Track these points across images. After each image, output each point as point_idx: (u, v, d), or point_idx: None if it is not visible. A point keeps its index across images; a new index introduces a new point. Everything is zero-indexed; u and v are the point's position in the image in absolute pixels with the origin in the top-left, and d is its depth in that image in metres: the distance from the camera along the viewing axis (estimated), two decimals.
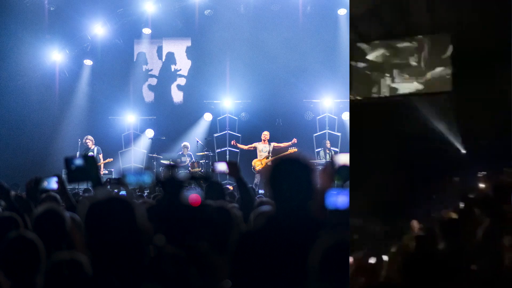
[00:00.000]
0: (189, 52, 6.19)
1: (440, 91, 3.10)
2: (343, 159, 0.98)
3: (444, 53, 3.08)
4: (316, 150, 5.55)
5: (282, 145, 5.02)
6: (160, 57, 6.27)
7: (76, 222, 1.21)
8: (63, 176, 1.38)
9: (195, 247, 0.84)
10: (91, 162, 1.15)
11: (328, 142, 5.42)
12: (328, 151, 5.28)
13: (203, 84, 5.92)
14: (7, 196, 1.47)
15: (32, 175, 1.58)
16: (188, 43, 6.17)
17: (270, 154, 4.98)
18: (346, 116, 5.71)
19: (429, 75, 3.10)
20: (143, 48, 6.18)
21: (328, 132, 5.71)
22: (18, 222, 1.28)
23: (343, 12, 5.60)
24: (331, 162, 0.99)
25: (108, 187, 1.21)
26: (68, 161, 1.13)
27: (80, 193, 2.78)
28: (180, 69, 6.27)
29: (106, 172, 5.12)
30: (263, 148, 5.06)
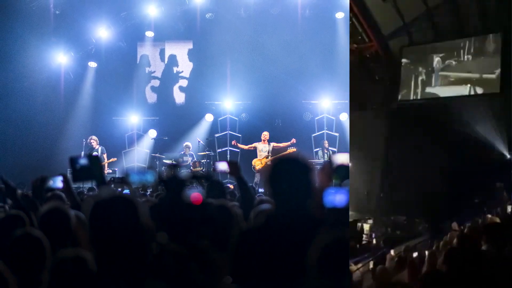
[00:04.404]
0: (191, 55, 6.25)
1: (487, 93, 3.03)
2: (341, 158, 0.99)
3: (492, 54, 3.00)
4: (315, 150, 5.59)
5: (281, 145, 5.07)
6: (162, 59, 6.33)
7: (80, 220, 1.23)
8: (68, 175, 1.38)
9: (197, 244, 0.86)
10: (95, 162, 1.16)
11: (326, 142, 5.47)
12: (326, 151, 5.33)
13: (205, 86, 5.98)
14: (14, 194, 1.50)
15: (38, 174, 1.60)
16: (190, 45, 6.24)
17: (270, 154, 5.03)
18: (344, 117, 5.77)
19: (475, 77, 3.05)
20: (146, 50, 6.26)
21: (326, 133, 5.77)
22: (24, 220, 1.30)
23: (341, 15, 5.67)
24: (330, 162, 1.00)
25: (112, 186, 1.23)
26: (73, 161, 1.14)
27: (85, 192, 2.81)
28: (182, 71, 6.32)
29: (110, 171, 5.16)
30: (263, 148, 5.11)
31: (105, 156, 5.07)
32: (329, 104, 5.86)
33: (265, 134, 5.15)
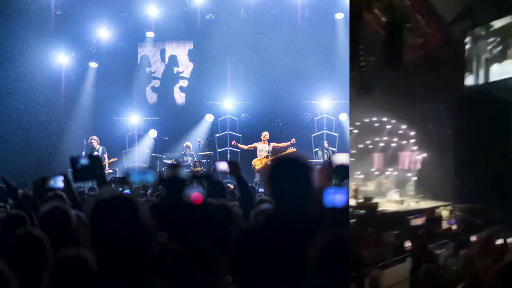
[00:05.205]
0: (191, 55, 6.28)
1: None
2: (341, 158, 1.00)
3: None
4: (314, 150, 5.63)
5: (281, 145, 5.10)
6: (163, 59, 6.35)
7: (81, 220, 1.23)
8: (69, 175, 1.39)
9: (197, 244, 0.86)
10: (96, 162, 1.17)
11: (326, 142, 5.50)
12: (326, 151, 5.36)
13: (205, 86, 6.01)
14: (15, 194, 1.51)
15: (39, 174, 1.62)
16: (190, 46, 6.26)
17: (270, 154, 5.05)
18: (343, 117, 5.78)
19: None
20: (147, 51, 6.28)
21: (326, 133, 5.81)
22: (25, 219, 1.31)
23: (340, 16, 5.70)
24: (329, 162, 1.01)
25: (113, 185, 1.23)
26: (74, 161, 1.15)
27: (85, 192, 2.82)
28: (183, 72, 6.34)
29: (111, 171, 5.20)
30: (263, 148, 5.14)
31: (105, 156, 5.09)
32: (329, 105, 5.90)
33: (265, 134, 5.18)
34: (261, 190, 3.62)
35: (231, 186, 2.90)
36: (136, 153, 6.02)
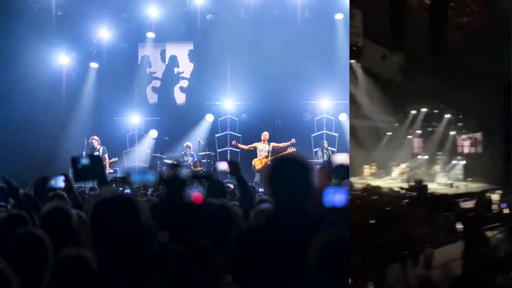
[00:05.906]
0: (192, 55, 6.30)
1: None
2: (341, 158, 1.00)
3: None
4: (314, 150, 5.66)
5: (281, 145, 5.13)
6: (163, 60, 6.38)
7: (82, 219, 1.24)
8: (70, 175, 1.40)
9: (197, 243, 0.86)
10: (96, 162, 1.18)
11: (325, 142, 5.54)
12: (325, 151, 5.39)
13: (205, 86, 6.03)
14: (16, 194, 1.51)
15: (40, 174, 1.62)
16: (191, 46, 6.29)
17: (270, 154, 5.08)
18: (343, 117, 5.81)
19: None
20: (147, 51, 6.31)
21: (326, 133, 5.84)
22: (26, 219, 1.31)
23: (340, 16, 5.74)
24: (329, 162, 1.01)
25: (113, 185, 1.24)
26: (75, 161, 1.16)
27: (86, 192, 2.83)
28: (183, 72, 6.37)
29: (111, 171, 5.22)
30: (263, 148, 5.17)
31: (106, 156, 5.11)
32: (328, 105, 5.93)
33: (265, 134, 5.21)
34: (261, 190, 3.63)
35: (231, 186, 2.91)
36: (136, 153, 6.04)
